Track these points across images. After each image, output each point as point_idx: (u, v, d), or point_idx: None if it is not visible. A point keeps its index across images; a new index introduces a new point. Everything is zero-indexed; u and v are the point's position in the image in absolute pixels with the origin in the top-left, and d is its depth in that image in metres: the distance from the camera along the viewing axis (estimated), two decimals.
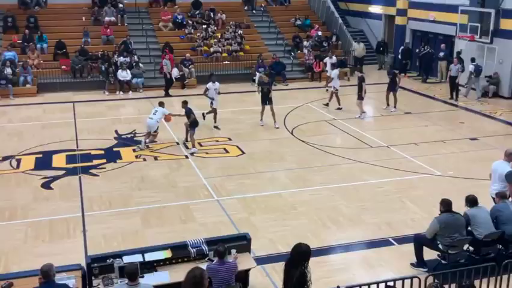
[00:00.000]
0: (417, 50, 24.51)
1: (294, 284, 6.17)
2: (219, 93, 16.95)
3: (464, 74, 20.52)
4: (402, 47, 25.06)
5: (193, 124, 14.68)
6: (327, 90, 21.00)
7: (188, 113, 14.71)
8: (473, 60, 20.67)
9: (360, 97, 17.61)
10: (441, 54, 22.89)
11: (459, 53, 21.44)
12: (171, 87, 21.66)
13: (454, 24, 22.36)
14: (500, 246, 8.70)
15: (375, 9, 28.30)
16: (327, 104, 19.06)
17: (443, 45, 23.11)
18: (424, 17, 24.67)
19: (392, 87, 18.61)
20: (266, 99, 16.54)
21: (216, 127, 16.64)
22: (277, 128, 16.48)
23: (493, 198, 9.46)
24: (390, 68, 20.33)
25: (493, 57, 20.89)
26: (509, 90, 20.41)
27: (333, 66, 21.52)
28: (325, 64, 22.17)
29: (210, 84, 16.79)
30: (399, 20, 26.33)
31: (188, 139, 14.92)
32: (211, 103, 16.77)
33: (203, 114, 16.86)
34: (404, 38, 25.95)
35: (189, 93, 21.50)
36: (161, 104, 15.33)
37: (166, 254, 7.49)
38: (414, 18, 25.51)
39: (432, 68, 24.03)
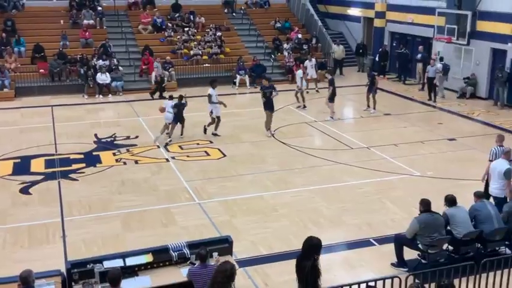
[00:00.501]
0: (396, 51, 24.84)
1: (306, 275, 6.39)
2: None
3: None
4: (380, 49, 25.32)
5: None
6: (307, 92, 21.11)
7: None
8: (441, 59, 21.35)
9: (330, 99, 17.74)
10: (419, 56, 23.16)
11: (441, 58, 21.72)
12: (151, 91, 21.54)
13: (431, 26, 22.66)
14: (479, 245, 8.82)
15: (354, 11, 28.53)
16: (304, 107, 19.16)
17: (421, 47, 23.40)
18: (402, 19, 24.96)
19: (371, 89, 18.79)
20: (269, 103, 15.97)
21: (215, 134, 16.02)
22: (269, 136, 15.98)
23: (494, 198, 9.53)
24: (370, 70, 20.54)
25: (470, 58, 21.22)
26: (486, 91, 20.73)
27: (313, 68, 21.75)
28: (305, 67, 22.29)
29: (211, 91, 16.01)
30: (377, 23, 26.59)
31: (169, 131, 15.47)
32: (211, 112, 16.02)
33: (204, 128, 16.32)
34: (382, 40, 26.23)
35: (157, 97, 21.44)
36: (172, 98, 15.69)
37: (147, 258, 7.43)
38: (393, 21, 25.79)
39: (409, 69, 24.33)
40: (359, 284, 6.84)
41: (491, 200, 9.80)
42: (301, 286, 6.56)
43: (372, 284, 6.89)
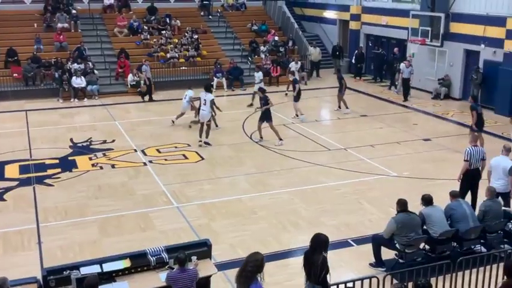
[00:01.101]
0: (373, 51, 25.13)
1: (319, 268, 6.59)
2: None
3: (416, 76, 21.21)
4: (356, 51, 25.57)
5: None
6: (286, 94, 21.25)
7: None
8: (404, 59, 22.20)
9: (295, 99, 18.00)
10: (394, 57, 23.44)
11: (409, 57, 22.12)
12: (127, 94, 21.40)
13: (405, 28, 22.97)
14: (455, 244, 8.94)
15: (329, 14, 28.75)
16: (250, 105, 19.52)
17: (396, 49, 23.69)
18: (377, 21, 25.23)
19: (341, 90, 19.06)
20: (264, 114, 15.38)
21: (206, 143, 15.34)
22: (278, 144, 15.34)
23: (497, 194, 9.55)
24: (338, 72, 20.71)
25: (444, 60, 21.56)
26: (460, 91, 21.08)
27: (297, 71, 22.21)
28: (289, 69, 22.44)
29: (212, 96, 15.30)
30: (353, 25, 26.85)
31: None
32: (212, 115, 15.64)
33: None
34: (358, 42, 26.47)
35: (146, 100, 21.33)
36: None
37: (125, 263, 7.35)
38: (368, 23, 26.06)
39: (384, 70, 24.60)
40: (337, 284, 6.87)
41: (471, 200, 9.97)
42: (311, 281, 6.68)
43: (350, 284, 6.93)
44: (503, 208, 9.41)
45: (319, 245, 6.77)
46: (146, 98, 21.15)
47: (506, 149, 10.32)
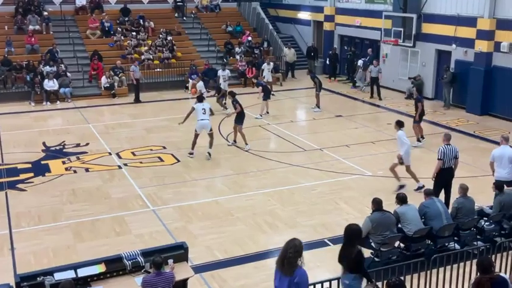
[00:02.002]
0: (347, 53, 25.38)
1: (354, 261, 6.70)
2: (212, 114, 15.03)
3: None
4: (330, 52, 25.75)
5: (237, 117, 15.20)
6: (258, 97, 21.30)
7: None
8: (357, 55, 24.05)
9: (263, 98, 18.42)
10: (368, 58, 23.67)
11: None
12: (101, 97, 21.16)
13: (378, 29, 23.22)
14: (429, 241, 9.07)
15: (304, 15, 28.90)
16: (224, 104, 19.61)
17: (369, 50, 23.93)
18: (351, 22, 25.44)
19: (316, 88, 19.27)
20: (236, 116, 15.27)
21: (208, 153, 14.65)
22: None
23: (504, 183, 9.89)
24: (310, 71, 20.88)
25: (416, 60, 21.86)
26: (432, 91, 21.40)
27: (270, 72, 22.24)
28: (262, 70, 22.48)
29: (198, 105, 14.49)
30: (327, 26, 27.03)
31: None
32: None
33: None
34: (332, 43, 26.66)
35: (120, 102, 21.16)
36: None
37: (100, 268, 7.25)
38: (342, 24, 26.26)
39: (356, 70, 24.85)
40: (314, 284, 6.90)
41: (445, 198, 10.15)
42: (349, 271, 6.77)
43: (327, 284, 6.96)
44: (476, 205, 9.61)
45: (352, 236, 6.86)
46: (116, 98, 20.93)
47: (505, 139, 10.80)
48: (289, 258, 6.08)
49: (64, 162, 14.22)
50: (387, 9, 22.80)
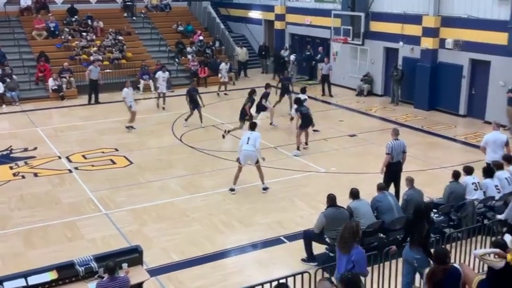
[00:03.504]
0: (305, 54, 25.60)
1: (425, 235, 7.39)
2: None
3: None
4: (281, 50, 25.92)
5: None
6: (218, 94, 21.30)
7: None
8: (294, 52, 25.01)
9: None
10: (319, 56, 24.01)
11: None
12: (49, 99, 20.60)
13: (328, 27, 23.57)
14: (382, 234, 9.28)
15: (255, 14, 29.01)
16: (163, 108, 19.66)
17: (320, 48, 24.25)
18: (301, 21, 25.72)
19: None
20: (307, 121, 14.94)
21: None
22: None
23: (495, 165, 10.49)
24: (284, 79, 20.90)
25: (366, 57, 22.32)
26: (381, 88, 21.90)
27: (227, 72, 22.39)
28: (220, 70, 22.43)
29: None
30: (278, 25, 27.23)
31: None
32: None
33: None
34: (283, 41, 26.87)
35: (69, 105, 20.65)
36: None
37: (52, 275, 7.07)
38: (292, 23, 26.52)
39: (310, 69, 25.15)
40: (270, 282, 6.93)
41: (395, 191, 10.44)
42: (415, 246, 7.32)
43: (283, 281, 7.01)
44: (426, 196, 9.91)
45: (422, 213, 7.51)
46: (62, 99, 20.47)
47: (496, 125, 11.78)
48: (346, 238, 6.79)
49: (11, 168, 13.76)
50: (336, 8, 23.16)
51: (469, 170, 10.12)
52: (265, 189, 12.17)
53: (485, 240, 8.52)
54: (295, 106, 15.33)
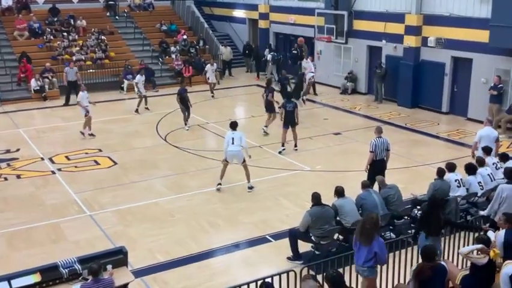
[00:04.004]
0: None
1: (443, 223, 7.71)
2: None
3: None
4: (266, 49, 25.92)
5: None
6: (213, 96, 21.27)
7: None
8: (270, 50, 24.84)
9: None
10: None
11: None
12: (31, 100, 20.37)
13: (312, 26, 23.62)
14: None
15: (239, 13, 28.97)
16: (147, 108, 19.40)
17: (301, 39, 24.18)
18: (285, 20, 25.75)
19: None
20: (290, 119, 14.53)
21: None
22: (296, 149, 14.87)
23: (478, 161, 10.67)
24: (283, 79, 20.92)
25: (349, 56, 22.41)
26: (365, 86, 22.02)
27: (214, 73, 22.11)
28: (206, 72, 22.33)
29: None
30: (262, 24, 27.24)
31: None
32: None
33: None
34: (268, 40, 26.88)
35: (52, 105, 20.45)
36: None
37: (35, 278, 7.00)
38: (276, 22, 26.54)
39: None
40: (256, 281, 6.93)
41: (378, 188, 10.45)
42: (432, 235, 7.53)
43: (269, 280, 7.02)
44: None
45: (438, 206, 7.85)
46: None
47: (489, 121, 12.19)
48: (367, 229, 6.89)
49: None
50: (320, 6, 23.22)
51: (451, 167, 10.22)
52: (250, 188, 12.18)
53: (468, 235, 8.60)
54: (283, 101, 15.38)
